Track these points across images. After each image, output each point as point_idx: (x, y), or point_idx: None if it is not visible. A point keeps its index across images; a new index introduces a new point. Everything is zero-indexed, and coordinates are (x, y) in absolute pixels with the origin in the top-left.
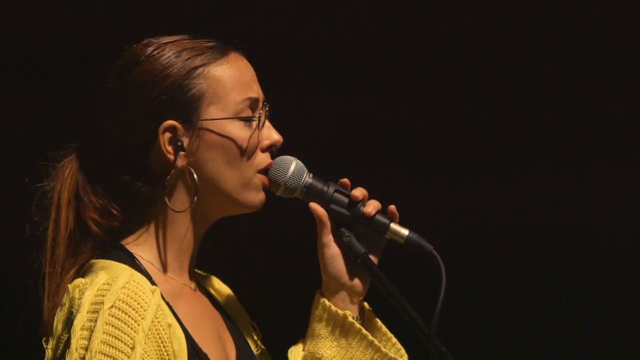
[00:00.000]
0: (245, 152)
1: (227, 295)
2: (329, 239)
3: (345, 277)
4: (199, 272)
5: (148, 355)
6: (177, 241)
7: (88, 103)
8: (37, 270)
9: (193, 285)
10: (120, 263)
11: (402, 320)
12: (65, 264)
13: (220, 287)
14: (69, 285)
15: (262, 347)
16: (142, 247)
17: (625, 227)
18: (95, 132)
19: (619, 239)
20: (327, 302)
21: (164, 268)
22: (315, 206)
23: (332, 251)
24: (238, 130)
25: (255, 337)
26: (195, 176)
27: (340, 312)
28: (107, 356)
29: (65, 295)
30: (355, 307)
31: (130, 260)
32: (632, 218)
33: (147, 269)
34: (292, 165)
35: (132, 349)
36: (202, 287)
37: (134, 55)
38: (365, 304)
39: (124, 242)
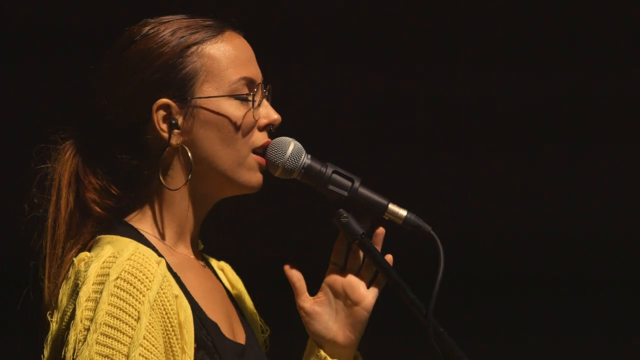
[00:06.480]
0: (240, 130)
1: (238, 286)
2: (302, 299)
3: (330, 334)
4: (212, 259)
5: (152, 327)
6: (177, 219)
7: (86, 84)
8: (38, 251)
9: (202, 262)
10: (125, 237)
11: (400, 301)
12: (66, 245)
13: (232, 277)
14: (74, 258)
15: (267, 345)
16: (145, 223)
17: None
18: (93, 112)
19: None
20: (315, 349)
21: (169, 242)
22: (288, 270)
23: (313, 310)
24: (233, 109)
25: (262, 333)
26: (189, 154)
27: (329, 358)
28: (112, 328)
29: (71, 269)
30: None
31: (136, 235)
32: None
33: (152, 242)
34: (291, 146)
35: (137, 320)
36: (213, 270)
37: (130, 35)
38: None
39: (127, 219)
